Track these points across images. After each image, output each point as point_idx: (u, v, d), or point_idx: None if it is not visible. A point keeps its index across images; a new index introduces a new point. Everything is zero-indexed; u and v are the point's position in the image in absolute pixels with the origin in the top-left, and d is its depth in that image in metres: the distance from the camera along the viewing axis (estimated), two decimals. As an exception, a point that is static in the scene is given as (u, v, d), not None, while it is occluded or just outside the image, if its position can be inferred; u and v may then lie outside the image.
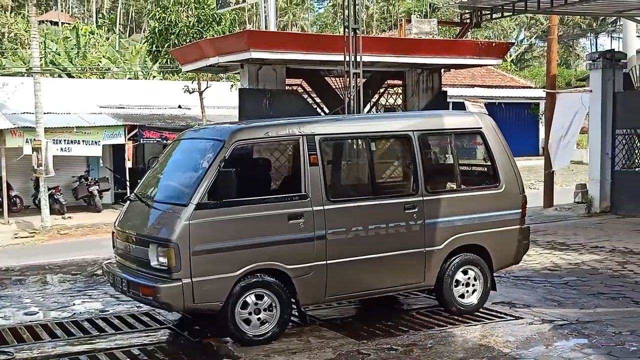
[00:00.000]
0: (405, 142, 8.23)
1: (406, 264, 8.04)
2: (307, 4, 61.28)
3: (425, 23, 18.88)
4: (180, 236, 6.90)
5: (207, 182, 7.05)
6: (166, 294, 6.90)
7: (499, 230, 8.53)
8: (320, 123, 8.20)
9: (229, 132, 7.43)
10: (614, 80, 19.21)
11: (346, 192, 8.23)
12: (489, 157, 8.61)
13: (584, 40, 61.02)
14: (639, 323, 8.06)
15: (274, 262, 7.27)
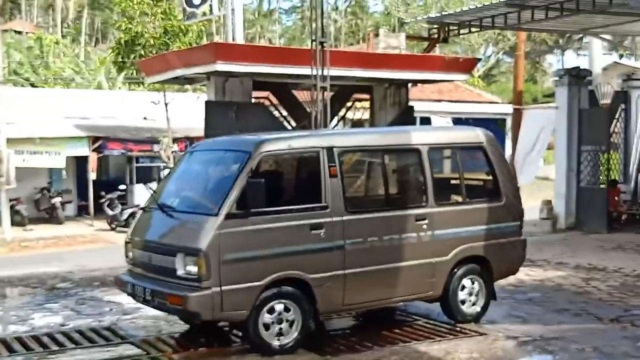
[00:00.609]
0: (416, 155, 8.46)
1: (416, 274, 8.23)
2: (275, 17, 61.34)
3: (393, 37, 18.91)
4: (211, 245, 7.00)
5: (236, 193, 7.18)
6: (196, 303, 6.95)
7: (500, 241, 8.82)
8: (339, 136, 8.52)
9: (255, 143, 7.56)
10: (580, 97, 19.43)
11: (363, 203, 8.43)
12: (491, 170, 8.92)
13: (551, 57, 61.85)
14: (601, 339, 8.08)
15: (297, 272, 7.40)
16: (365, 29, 52.27)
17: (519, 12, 17.94)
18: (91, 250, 17.66)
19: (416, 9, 53.24)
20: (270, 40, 56.75)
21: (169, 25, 22.76)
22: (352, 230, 7.71)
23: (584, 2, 16.23)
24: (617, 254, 14.47)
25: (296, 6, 64.87)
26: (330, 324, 8.80)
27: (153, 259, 7.60)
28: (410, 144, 8.60)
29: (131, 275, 8.01)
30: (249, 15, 55.84)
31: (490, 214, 8.75)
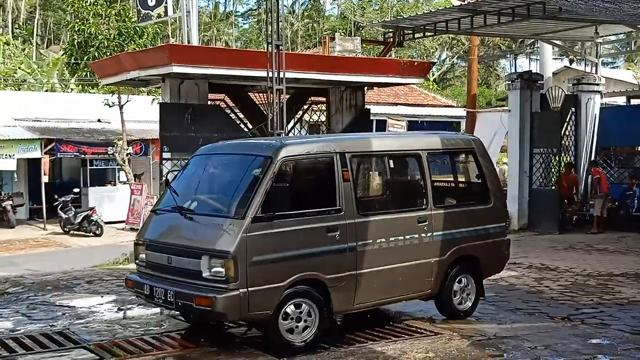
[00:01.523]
0: (417, 160, 8.80)
1: (418, 273, 8.56)
2: (232, 20, 61.09)
3: (349, 41, 19.01)
4: (239, 248, 7.16)
5: (260, 196, 7.35)
6: (224, 304, 7.09)
7: (488, 242, 9.26)
8: (349, 141, 8.74)
9: (276, 148, 7.76)
10: (532, 100, 19.78)
11: (372, 206, 8.69)
12: (480, 174, 9.36)
13: (504, 61, 62.73)
14: (553, 338, 8.23)
15: (315, 273, 7.64)
16: (322, 32, 52.38)
17: (472, 17, 18.20)
18: (44, 254, 17.40)
19: (372, 13, 53.63)
20: (227, 43, 56.51)
21: (124, 27, 22.55)
22: (362, 232, 8.00)
23: (535, 7, 16.54)
24: (569, 254, 14.77)
25: (252, 9, 64.80)
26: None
27: (173, 261, 7.67)
28: (412, 149, 8.96)
29: (145, 277, 8.03)
30: (205, 18, 55.57)
31: (480, 216, 9.19)
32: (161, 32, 24.23)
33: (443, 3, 35.85)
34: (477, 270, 9.23)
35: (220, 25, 59.53)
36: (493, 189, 9.41)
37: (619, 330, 8.59)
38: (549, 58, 23.78)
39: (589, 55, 23.45)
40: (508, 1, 16.69)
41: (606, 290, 11.05)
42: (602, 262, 13.83)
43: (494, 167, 9.71)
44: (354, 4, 56.97)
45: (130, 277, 8.37)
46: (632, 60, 48.82)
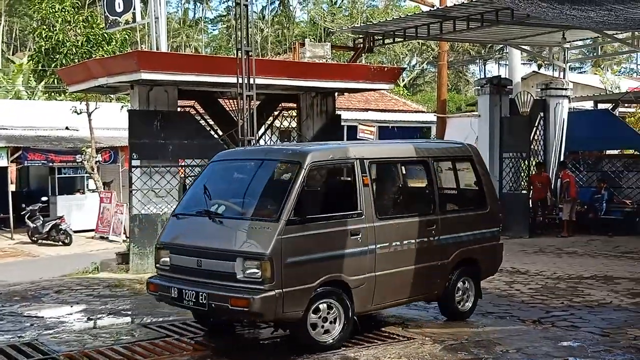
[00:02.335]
0: (425, 166, 9.16)
1: (427, 275, 8.83)
2: (201, 26, 60.86)
3: (319, 47, 19.04)
4: (274, 249, 7.34)
5: (292, 200, 7.56)
6: (261, 305, 7.26)
7: (486, 245, 9.60)
8: (367, 147, 9.22)
9: (305, 154, 8.00)
10: (501, 105, 19.94)
11: (388, 210, 8.85)
12: (478, 180, 9.75)
13: (473, 67, 63.27)
14: (524, 341, 8.28)
15: (340, 274, 7.89)
16: (292, 38, 52.38)
17: (441, 23, 18.33)
18: (11, 264, 17.13)
19: (342, 19, 53.74)
20: (197, 49, 56.25)
21: (91, 33, 22.34)
22: (381, 235, 8.27)
23: (503, 13, 16.69)
24: (539, 258, 14.89)
25: (222, 15, 64.58)
26: (259, 333, 8.74)
27: (204, 264, 7.77)
28: (420, 156, 9.27)
29: (170, 280, 8.09)
30: (174, 24, 55.26)
31: (479, 220, 9.53)
32: (130, 39, 24.05)
33: (412, 9, 36.03)
34: (476, 273, 9.55)
35: (190, 31, 59.25)
36: (489, 194, 9.80)
37: (589, 332, 8.66)
38: (517, 63, 24.01)
39: (557, 60, 23.75)
40: (477, 7, 16.84)
41: (576, 293, 11.14)
42: (572, 265, 13.96)
43: (489, 173, 10.12)
44: (324, 10, 57.08)
45: (152, 280, 8.40)
46: (599, 65, 49.53)
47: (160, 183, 13.58)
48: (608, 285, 11.73)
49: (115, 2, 16.31)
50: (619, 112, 25.43)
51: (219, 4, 69.08)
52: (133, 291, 11.67)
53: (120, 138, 23.44)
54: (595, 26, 13.79)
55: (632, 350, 7.80)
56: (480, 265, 9.54)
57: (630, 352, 7.75)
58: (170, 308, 10.24)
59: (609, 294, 10.99)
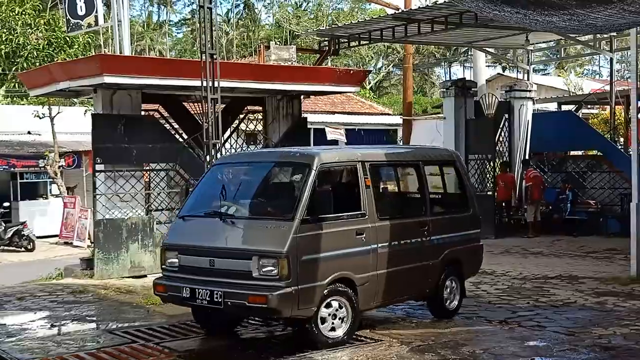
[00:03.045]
0: (416, 169, 9.49)
1: (420, 274, 9.15)
2: (165, 29, 60.43)
3: (284, 50, 18.99)
4: (291, 248, 7.60)
5: (305, 200, 7.83)
6: (279, 301, 7.48)
7: (468, 246, 9.97)
8: (367, 150, 9.42)
9: (314, 156, 8.29)
10: (466, 107, 20.07)
11: (387, 211, 8.98)
12: (461, 184, 10.14)
13: (439, 69, 63.68)
14: (491, 341, 8.31)
15: (348, 272, 8.15)
16: (257, 41, 52.24)
17: (406, 26, 18.40)
18: (-28, 271, 16.76)
19: (307, 22, 53.74)
20: (161, 52, 55.82)
21: (53, 36, 22.04)
22: (381, 235, 8.54)
23: (467, 16, 16.81)
24: (505, 258, 15.00)
25: (186, 19, 64.20)
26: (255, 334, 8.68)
27: (217, 264, 7.95)
28: (413, 159, 9.72)
29: (179, 281, 8.20)
30: (138, 27, 54.75)
31: (462, 223, 9.90)
32: (93, 42, 23.73)
33: (378, 12, 36.18)
34: (461, 273, 9.85)
35: (154, 34, 58.77)
36: (471, 198, 10.21)
37: (554, 332, 8.73)
38: (482, 65, 24.21)
39: (521, 62, 23.99)
40: (441, 10, 16.94)
41: (542, 293, 11.23)
42: (538, 265, 14.08)
43: (469, 177, 10.44)
44: (289, 13, 57.06)
45: (160, 282, 8.52)
46: (562, 67, 50.20)
47: (124, 187, 13.44)
48: (573, 285, 11.85)
49: (77, 5, 16.10)
50: (582, 113, 25.80)
51: (183, 7, 68.68)
52: (98, 297, 11.51)
53: (84, 142, 23.16)
54: (558, 31, 13.98)
55: (596, 349, 7.87)
56: (464, 266, 9.86)
57: (595, 350, 7.83)
58: (135, 313, 10.18)
59: (574, 294, 11.10)
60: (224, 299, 7.72)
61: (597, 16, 9.99)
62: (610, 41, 22.15)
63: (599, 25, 11.02)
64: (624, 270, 12.68)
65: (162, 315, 10.04)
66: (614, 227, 18.42)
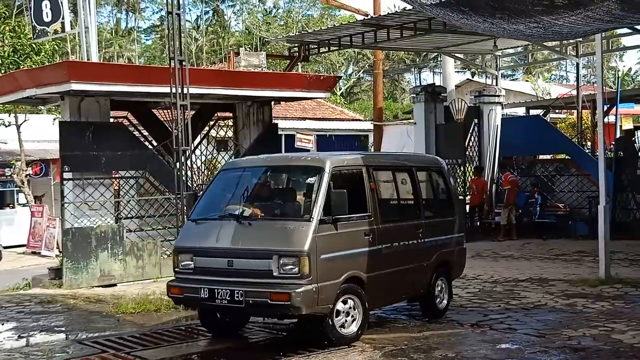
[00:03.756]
0: (411, 175, 9.90)
1: (416, 274, 9.51)
2: (134, 36, 59.99)
3: (254, 56, 18.98)
4: (311, 246, 7.89)
5: (321, 201, 8.15)
6: (301, 298, 7.73)
7: (455, 249, 10.42)
8: (370, 156, 10.17)
9: (325, 159, 8.65)
10: (436, 112, 20.19)
11: (388, 213, 9.33)
12: (447, 189, 10.62)
13: (409, 75, 64.05)
14: (463, 344, 8.35)
15: (358, 271, 8.45)
16: (227, 47, 52.09)
17: (375, 32, 18.47)
18: None
19: (277, 28, 53.76)
20: (130, 59, 55.40)
21: (19, 43, 21.75)
22: (385, 236, 8.88)
23: (436, 22, 16.91)
24: (476, 262, 15.06)
25: (155, 25, 63.82)
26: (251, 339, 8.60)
27: (235, 264, 8.17)
28: (407, 164, 10.14)
29: (195, 282, 8.36)
30: (106, 34, 54.29)
31: (450, 226, 10.33)
32: (60, 49, 23.48)
33: (347, 18, 36.26)
34: (449, 274, 10.24)
35: (123, 41, 58.32)
36: (456, 202, 10.78)
37: (525, 334, 8.77)
38: (451, 71, 24.38)
39: (490, 67, 24.19)
40: (410, 16, 17.03)
41: (512, 296, 11.29)
42: (509, 268, 14.17)
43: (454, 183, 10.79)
44: (259, 20, 57.02)
45: (174, 284, 8.65)
46: (530, 72, 50.77)
47: (93, 195, 13.30)
48: (543, 288, 11.93)
49: (43, 12, 15.91)
50: (550, 118, 26.08)
51: (152, 14, 68.29)
52: (66, 307, 11.35)
53: (52, 150, 22.88)
54: (525, 38, 14.13)
55: (566, 350, 7.93)
56: (451, 267, 10.27)
57: (565, 352, 7.89)
58: (105, 323, 10.06)
59: (544, 296, 11.18)
60: (245, 297, 7.93)
61: (562, 23, 10.12)
62: (576, 46, 22.44)
63: (564, 32, 11.17)
64: (593, 272, 12.80)
65: (133, 324, 9.95)
66: (583, 229, 18.63)
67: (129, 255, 13.28)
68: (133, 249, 13.36)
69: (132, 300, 11.37)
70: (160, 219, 14.38)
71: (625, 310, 9.97)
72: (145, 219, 14.48)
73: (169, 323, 9.99)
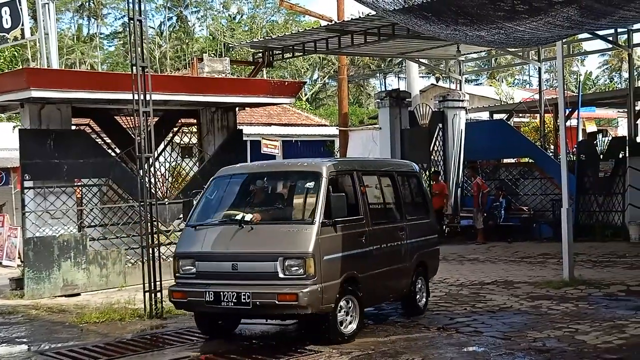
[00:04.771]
0: (392, 179, 10.31)
1: (401, 274, 9.89)
2: (96, 42, 59.35)
3: (218, 62, 18.85)
4: (315, 248, 8.23)
5: (321, 204, 8.48)
6: (308, 298, 8.05)
7: (431, 250, 10.88)
8: (359, 161, 10.89)
9: (322, 164, 9.04)
10: (401, 117, 20.28)
11: (377, 216, 9.65)
12: (422, 193, 11.13)
13: (374, 80, 64.30)
14: (429, 348, 8.36)
15: (354, 272, 8.78)
16: (191, 54, 51.80)
17: (339, 37, 18.51)
18: None
19: (241, 34, 53.63)
20: (92, 66, 54.78)
21: (-23, 50, 21.42)
22: (374, 238, 9.26)
23: (400, 27, 16.99)
24: (442, 266, 14.93)
25: (118, 32, 63.22)
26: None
27: (240, 267, 8.42)
28: (389, 169, 10.58)
29: (198, 286, 8.58)
30: (67, 41, 53.66)
31: (426, 228, 10.76)
32: (20, 56, 23.14)
33: (312, 23, 36.30)
34: (427, 273, 10.68)
35: (85, 48, 57.65)
36: (430, 206, 11.36)
37: (491, 336, 8.81)
38: (415, 76, 24.50)
39: (453, 72, 24.38)
40: (373, 21, 17.09)
41: (478, 299, 11.36)
42: (474, 271, 14.26)
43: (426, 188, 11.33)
44: (223, 25, 56.83)
45: (177, 289, 8.82)
46: (494, 77, 51.28)
47: (55, 204, 13.09)
48: (508, 290, 12.01)
49: (3, 18, 15.66)
50: (513, 122, 26.35)
51: (114, 20, 67.41)
52: (28, 317, 11.15)
53: (12, 159, 22.48)
54: (487, 45, 14.28)
55: (532, 352, 7.98)
56: (428, 267, 10.71)
57: (530, 353, 7.94)
58: (68, 333, 9.91)
59: (509, 299, 11.25)
60: (252, 299, 8.19)
61: (523, 29, 10.24)
62: (538, 51, 22.71)
63: (525, 38, 11.30)
64: (557, 274, 12.93)
65: (97, 334, 9.82)
66: (547, 232, 18.85)
67: (93, 264, 13.11)
68: (97, 258, 13.19)
69: (96, 309, 11.20)
70: (124, 227, 14.22)
71: (588, 312, 10.08)
72: (109, 227, 14.30)
73: (134, 332, 9.86)
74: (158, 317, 10.53)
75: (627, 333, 8.73)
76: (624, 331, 8.82)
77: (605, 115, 35.41)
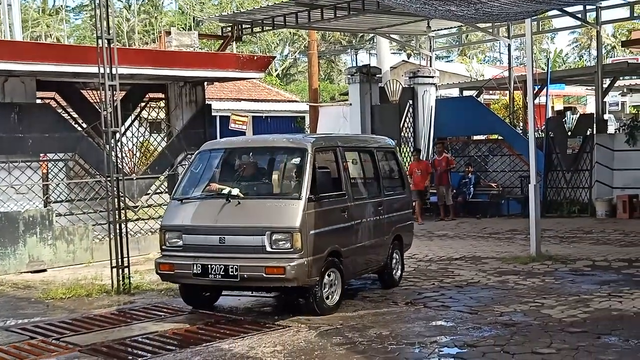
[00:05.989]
0: (371, 155, 10.54)
1: (379, 248, 10.19)
2: (62, 15, 58.30)
3: (186, 36, 18.64)
4: (302, 223, 8.45)
5: (307, 180, 8.67)
6: (295, 271, 8.30)
7: (406, 224, 11.15)
8: (341, 137, 10.75)
9: (307, 141, 9.23)
10: (371, 93, 20.26)
11: (357, 192, 9.94)
12: (399, 169, 11.33)
13: (345, 56, 64.09)
14: (397, 322, 8.42)
15: (337, 246, 9.04)
16: (160, 28, 51.16)
17: (309, 12, 18.37)
18: None
19: (211, 8, 53.06)
20: (59, 39, 53.77)
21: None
22: (356, 213, 9.54)
23: (370, 2, 16.90)
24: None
25: (84, 4, 62.14)
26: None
27: (227, 241, 8.58)
28: (370, 146, 10.84)
29: (185, 259, 8.72)
30: (32, 13, 52.63)
31: (402, 203, 11.06)
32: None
33: (282, -2, 35.98)
34: (402, 247, 10.98)
35: (50, 20, 56.59)
36: (406, 181, 11.63)
37: (458, 311, 8.89)
38: (386, 52, 24.47)
39: (424, 49, 24.36)
40: (344, -5, 16.96)
41: (446, 274, 11.44)
42: (443, 247, 14.35)
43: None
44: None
45: (164, 261, 8.95)
46: (464, 54, 51.42)
47: (20, 179, 12.89)
48: (476, 266, 12.12)
49: (-36, -10, 15.30)
50: (483, 98, 26.45)
51: (81, -7, 66.28)
52: (-8, 294, 11.00)
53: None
54: (457, 19, 14.26)
55: (497, 326, 8.06)
56: (404, 241, 11.02)
57: (497, 327, 8.01)
58: (33, 309, 9.80)
59: (477, 274, 11.35)
60: (239, 272, 8.40)
61: (492, 4, 10.22)
62: (508, 28, 22.76)
63: (494, 13, 11.30)
64: (524, 249, 13.07)
65: (63, 309, 9.72)
66: (515, 208, 19.02)
67: (59, 240, 12.94)
68: (63, 234, 13.03)
69: (62, 285, 11.08)
70: (91, 203, 14.05)
71: (554, 286, 10.21)
72: (75, 202, 14.13)
73: (101, 307, 9.77)
74: (125, 293, 10.46)
75: (592, 307, 8.87)
76: (588, 305, 8.96)
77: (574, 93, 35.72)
